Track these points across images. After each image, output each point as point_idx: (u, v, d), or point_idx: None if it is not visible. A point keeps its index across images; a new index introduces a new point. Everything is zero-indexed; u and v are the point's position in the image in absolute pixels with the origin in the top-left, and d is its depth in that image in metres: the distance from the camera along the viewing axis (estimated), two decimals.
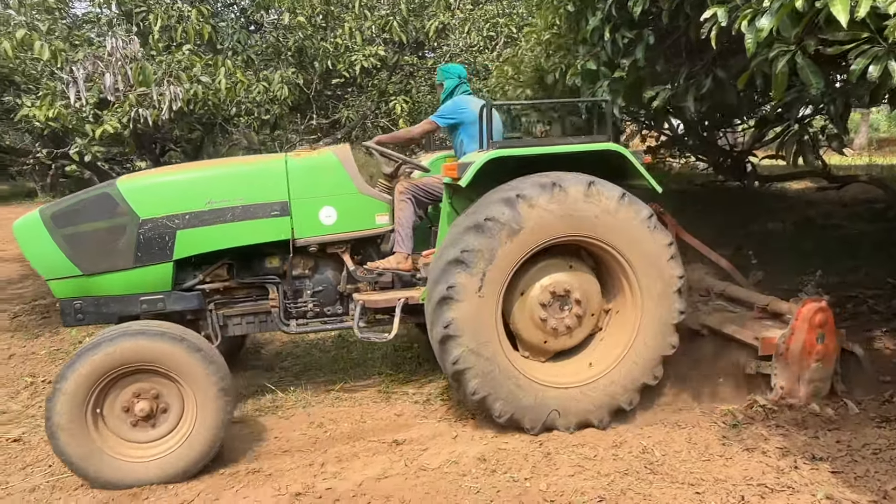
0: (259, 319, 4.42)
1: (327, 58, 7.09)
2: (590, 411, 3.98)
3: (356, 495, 3.31)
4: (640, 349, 4.05)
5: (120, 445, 3.55)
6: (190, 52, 5.55)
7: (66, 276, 3.96)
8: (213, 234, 4.09)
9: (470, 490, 3.33)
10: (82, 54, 5.42)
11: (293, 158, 4.34)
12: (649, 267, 3.98)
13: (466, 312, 3.74)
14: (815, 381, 4.14)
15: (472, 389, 3.80)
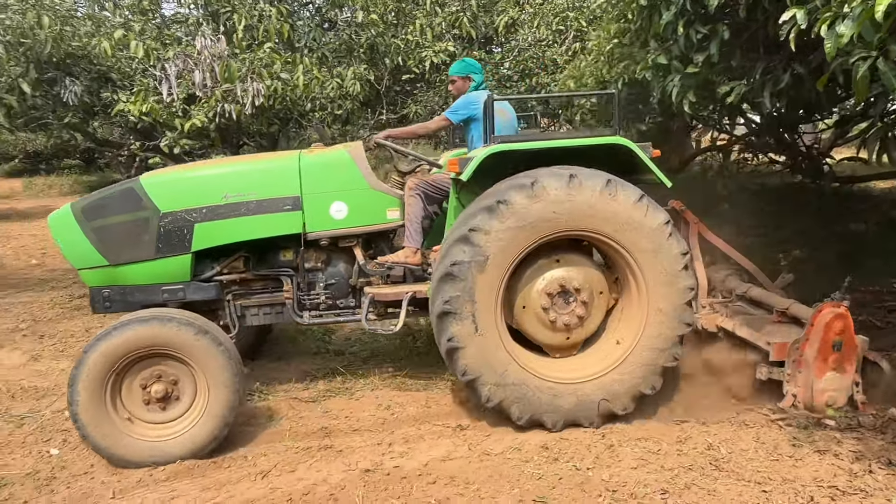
0: (275, 310, 4.55)
1: (398, 54, 7.27)
2: (581, 409, 3.94)
3: (422, 474, 3.45)
4: (641, 355, 3.97)
5: (136, 426, 3.77)
6: (270, 49, 5.84)
7: (94, 265, 4.19)
8: (228, 228, 4.25)
9: (532, 476, 3.41)
10: (172, 53, 5.79)
11: (306, 155, 4.48)
12: (659, 273, 3.90)
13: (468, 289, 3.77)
14: (830, 390, 3.99)
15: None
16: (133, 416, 3.77)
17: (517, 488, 3.30)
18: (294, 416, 4.32)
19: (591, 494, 3.23)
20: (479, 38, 8.06)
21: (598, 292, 4.06)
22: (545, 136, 4.49)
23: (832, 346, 3.94)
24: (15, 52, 5.89)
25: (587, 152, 3.98)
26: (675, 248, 3.90)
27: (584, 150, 3.98)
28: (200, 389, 3.80)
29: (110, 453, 3.66)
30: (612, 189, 3.81)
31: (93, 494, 3.41)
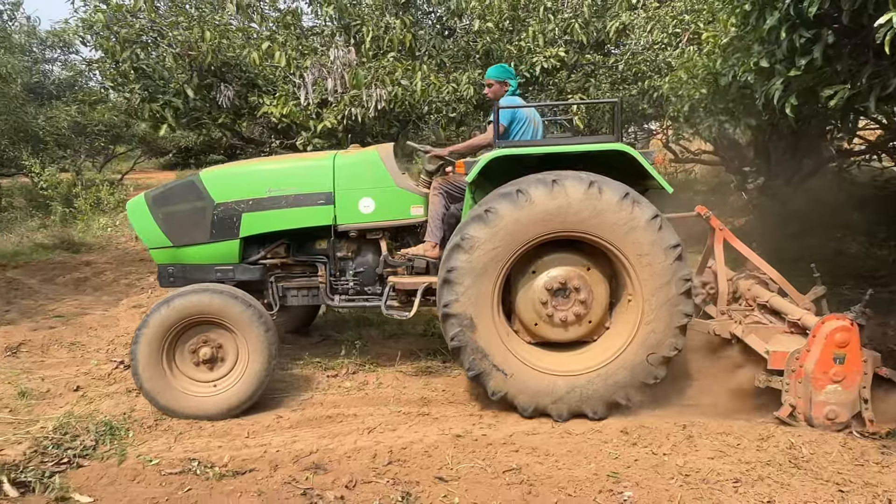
0: (311, 293, 5.01)
1: (511, 59, 7.62)
2: (583, 401, 4.12)
3: (506, 443, 3.81)
4: (641, 346, 4.09)
5: (184, 382, 4.34)
6: (394, 58, 6.43)
7: (161, 246, 4.82)
8: (270, 218, 4.76)
9: (609, 455, 3.67)
10: (309, 62, 6.54)
11: (341, 155, 4.89)
12: (652, 266, 4.01)
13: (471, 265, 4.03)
14: (830, 403, 3.90)
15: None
16: (182, 373, 4.36)
17: (593, 463, 3.57)
18: (398, 386, 4.84)
19: (663, 476, 3.44)
20: (591, 42, 8.23)
21: (596, 289, 4.22)
22: (549, 142, 4.62)
23: (834, 359, 3.85)
24: (182, 62, 6.92)
25: (593, 157, 4.18)
26: (665, 242, 4.02)
27: (586, 155, 4.18)
28: (241, 355, 4.37)
29: (159, 403, 4.26)
30: (596, 190, 3.99)
31: (231, 433, 4.10)
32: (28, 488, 3.34)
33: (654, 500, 3.21)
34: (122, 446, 3.86)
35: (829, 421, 3.92)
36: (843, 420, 3.93)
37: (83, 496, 3.28)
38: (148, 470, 3.55)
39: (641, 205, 4.03)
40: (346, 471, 3.53)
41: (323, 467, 3.58)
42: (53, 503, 3.20)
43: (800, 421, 3.98)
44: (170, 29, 6.77)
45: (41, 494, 3.28)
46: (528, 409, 4.16)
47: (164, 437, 4.04)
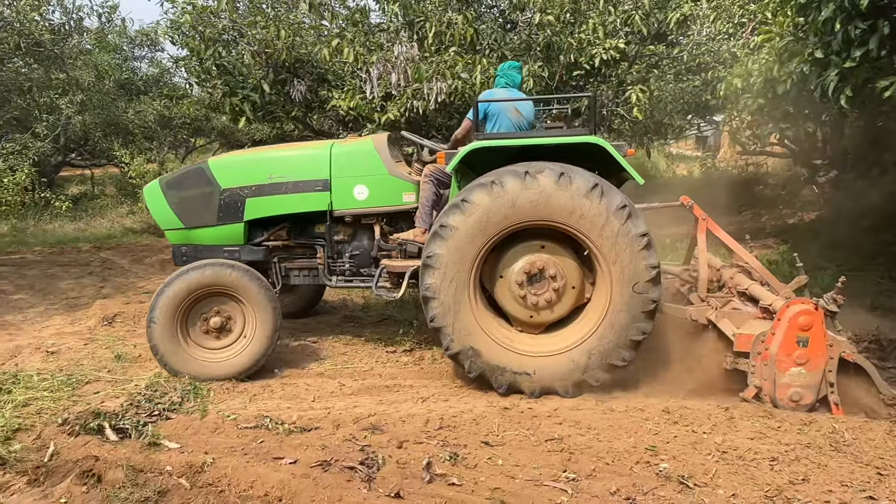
0: (312, 273, 5.34)
1: (571, 52, 7.74)
2: (555, 380, 4.35)
3: (550, 416, 4.04)
4: (609, 329, 4.30)
5: (194, 348, 4.74)
6: (455, 52, 6.69)
7: (174, 227, 5.20)
8: (271, 203, 5.09)
9: (649, 431, 3.84)
10: (375, 57, 6.89)
11: (338, 144, 5.17)
12: (619, 253, 4.20)
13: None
14: (794, 385, 4.02)
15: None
16: (193, 340, 4.76)
17: (633, 437, 3.75)
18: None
19: (700, 452, 3.58)
20: (651, 33, 8.23)
21: (569, 275, 4.43)
22: (525, 135, 4.79)
23: (797, 342, 3.96)
24: (259, 59, 7.43)
25: (569, 149, 4.37)
26: (633, 230, 4.21)
27: (559, 147, 4.37)
28: (248, 324, 4.77)
29: (171, 366, 4.66)
30: (566, 181, 4.19)
31: (299, 396, 4.50)
32: (125, 434, 3.83)
33: (689, 472, 3.37)
34: (204, 403, 4.32)
35: (794, 403, 4.03)
36: (807, 402, 4.03)
37: (171, 442, 3.74)
38: (226, 424, 3.99)
39: (610, 194, 4.22)
40: (400, 432, 3.85)
41: (380, 428, 3.91)
42: (146, 447, 3.66)
43: (766, 402, 4.10)
44: (248, 28, 7.28)
45: (136, 440, 3.76)
46: (503, 386, 4.40)
47: (240, 397, 4.48)
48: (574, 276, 4.48)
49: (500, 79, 5.36)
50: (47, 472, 3.34)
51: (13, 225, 12.41)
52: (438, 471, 3.40)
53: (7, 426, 3.85)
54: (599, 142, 4.33)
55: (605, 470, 3.43)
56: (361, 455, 3.56)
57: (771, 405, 4.08)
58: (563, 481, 3.31)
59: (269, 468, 3.38)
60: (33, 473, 3.33)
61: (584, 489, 3.24)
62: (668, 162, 19.73)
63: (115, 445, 3.66)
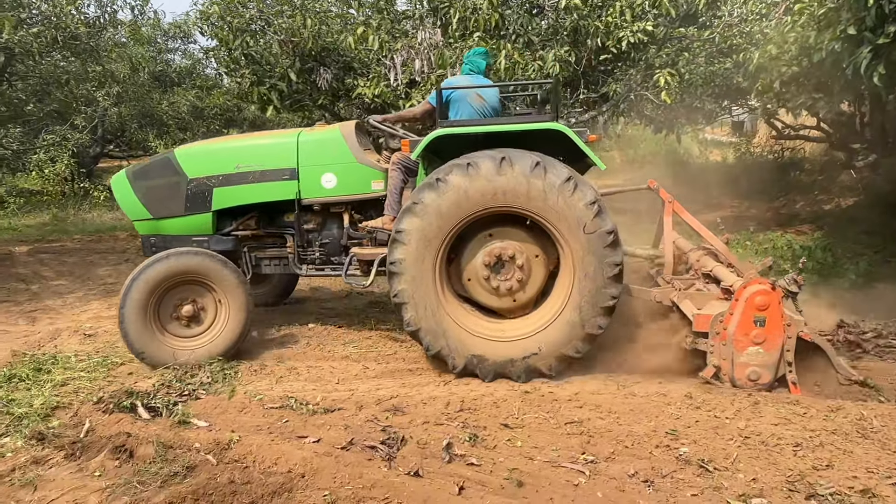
0: (282, 263, 5.33)
1: (598, 35, 7.63)
2: (509, 365, 4.38)
3: (571, 400, 4.05)
4: (566, 320, 4.32)
5: (171, 338, 4.70)
6: (479, 38, 6.66)
7: (142, 218, 5.16)
8: (239, 192, 5.07)
9: (671, 415, 3.81)
10: (400, 44, 6.91)
11: (305, 133, 5.14)
12: (584, 247, 4.23)
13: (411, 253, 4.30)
14: (752, 365, 4.06)
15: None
16: (166, 329, 4.72)
17: (653, 422, 3.74)
18: None
19: (722, 437, 3.55)
20: (680, 14, 8.06)
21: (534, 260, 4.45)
22: (488, 122, 4.75)
23: (754, 322, 4.00)
24: (286, 48, 7.52)
25: (533, 136, 4.37)
26: (602, 227, 4.23)
27: (522, 133, 4.37)
28: (221, 311, 4.76)
29: (143, 354, 4.62)
30: (541, 170, 4.19)
31: (323, 378, 4.59)
32: (157, 412, 3.97)
33: (709, 456, 3.34)
34: (232, 385, 4.45)
35: (752, 382, 4.07)
36: (765, 381, 4.08)
37: (200, 421, 3.86)
38: (253, 404, 4.10)
39: (582, 189, 4.23)
40: (421, 414, 3.90)
41: (401, 410, 3.97)
42: (176, 425, 3.79)
43: (724, 382, 4.14)
44: (275, 17, 7.37)
45: (167, 418, 3.89)
46: (458, 367, 4.44)
47: (266, 379, 4.59)
48: (533, 251, 4.51)
49: (464, 66, 5.31)
50: (83, 448, 3.49)
51: (54, 214, 12.85)
52: (458, 451, 3.45)
53: (46, 404, 4.03)
54: (561, 128, 4.34)
55: (623, 453, 3.43)
56: (383, 435, 3.62)
57: (730, 384, 4.14)
58: (582, 463, 3.33)
59: (293, 446, 3.46)
60: (70, 448, 3.49)
61: (602, 471, 3.25)
62: (702, 148, 19.32)
63: (147, 423, 3.80)
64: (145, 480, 3.14)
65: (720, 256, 4.94)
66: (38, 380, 4.48)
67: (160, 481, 3.13)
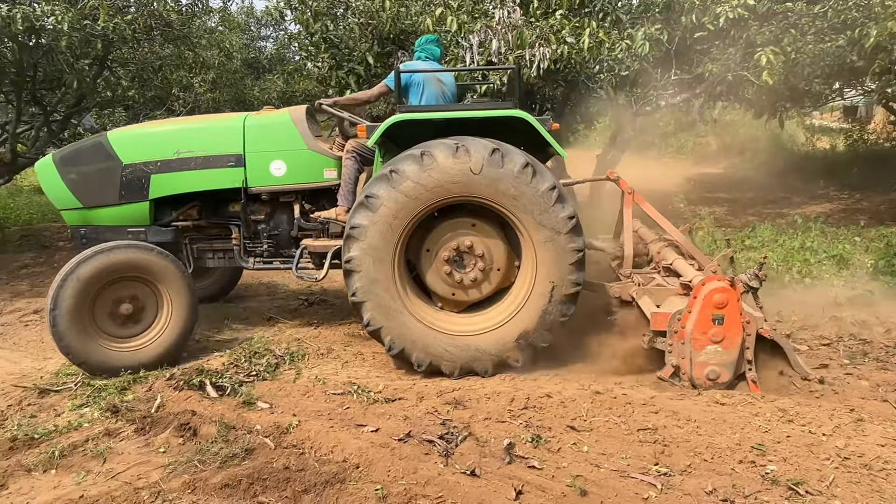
0: (228, 256, 5.04)
1: (693, 11, 7.10)
2: (474, 360, 4.24)
3: (646, 404, 3.75)
4: (531, 311, 4.21)
5: (108, 339, 4.29)
6: (562, 16, 6.34)
7: (71, 207, 4.75)
8: (179, 180, 4.72)
9: (758, 428, 3.46)
10: (479, 25, 6.69)
11: (251, 117, 4.85)
12: (544, 234, 4.13)
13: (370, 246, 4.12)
14: (711, 364, 3.97)
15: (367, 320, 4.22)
16: (103, 329, 4.28)
17: (738, 434, 3.40)
18: None
19: (817, 456, 3.18)
20: None
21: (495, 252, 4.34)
22: (448, 108, 4.55)
23: (713, 320, 3.89)
24: (365, 32, 7.47)
25: (495, 123, 4.24)
26: (561, 212, 4.10)
27: (484, 120, 4.24)
28: (164, 308, 4.40)
29: (79, 359, 4.19)
30: (498, 157, 4.04)
31: (388, 366, 4.53)
32: (224, 392, 4.03)
33: (801, 477, 2.99)
34: (298, 368, 4.46)
35: (711, 381, 3.98)
36: (725, 380, 3.98)
37: (263, 403, 3.89)
38: (317, 388, 4.09)
39: (541, 175, 4.12)
40: (483, 409, 3.75)
41: (463, 404, 3.84)
42: (241, 405, 3.83)
43: (683, 381, 4.03)
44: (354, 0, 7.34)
45: (232, 398, 3.95)
46: (423, 364, 4.24)
47: (332, 363, 4.59)
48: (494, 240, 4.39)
49: (419, 52, 5.12)
50: (152, 423, 3.59)
51: None
52: (519, 452, 3.28)
53: (124, 378, 4.19)
54: (523, 115, 4.20)
55: (701, 466, 3.13)
56: (442, 429, 3.50)
57: (689, 384, 4.02)
58: (653, 475, 3.07)
59: (351, 435, 3.41)
60: (140, 423, 3.59)
61: (675, 485, 2.98)
62: (808, 134, 17.90)
63: (213, 402, 3.87)
64: (205, 460, 3.17)
65: (681, 248, 4.81)
66: None
67: (219, 462, 3.15)
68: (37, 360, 4.76)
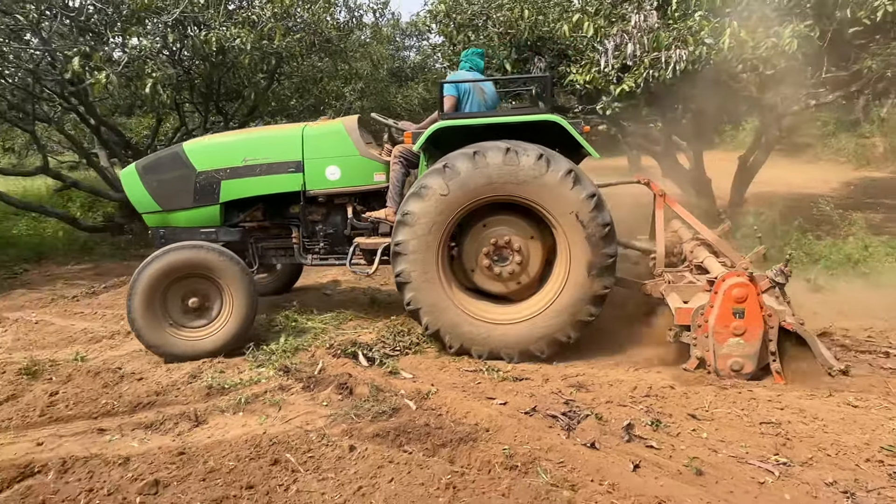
0: (287, 253, 5.48)
1: (847, 5, 6.72)
2: (502, 347, 4.58)
3: (772, 400, 3.80)
4: (559, 307, 4.50)
5: (177, 328, 4.76)
6: (701, 17, 6.32)
7: (151, 211, 5.29)
8: (246, 184, 5.20)
9: (892, 431, 3.40)
10: (616, 29, 6.84)
11: (309, 127, 5.29)
12: (581, 238, 4.42)
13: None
14: (733, 356, 4.14)
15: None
16: (173, 319, 4.78)
17: (868, 434, 3.39)
18: None
19: None
20: None
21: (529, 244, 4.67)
22: (488, 114, 4.93)
23: (733, 314, 4.08)
24: (503, 40, 7.89)
25: (530, 128, 4.56)
26: (598, 219, 4.40)
27: (520, 125, 4.56)
28: (226, 303, 4.80)
29: (157, 348, 4.70)
30: (544, 162, 4.37)
31: None
32: (373, 362, 4.61)
33: None
34: (437, 346, 4.95)
35: (735, 372, 4.15)
36: (748, 371, 4.14)
37: (406, 373, 4.41)
38: (452, 365, 4.55)
39: (582, 182, 4.41)
40: (605, 394, 4.00)
41: (586, 388, 4.10)
42: (387, 374, 4.38)
43: (709, 372, 4.19)
44: (494, 11, 7.77)
45: (380, 367, 4.51)
46: (454, 347, 4.62)
47: None
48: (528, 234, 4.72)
49: (464, 63, 5.51)
50: (316, 382, 4.23)
51: None
52: (638, 433, 3.49)
53: (293, 345, 4.92)
54: (557, 119, 4.50)
55: (824, 461, 3.17)
56: (565, 407, 3.80)
57: (714, 375, 4.18)
58: (772, 463, 3.16)
59: (482, 404, 3.81)
60: (306, 381, 4.24)
61: (794, 474, 3.06)
62: None
63: (365, 369, 4.46)
64: (360, 414, 3.72)
65: (714, 248, 5.03)
66: (287, 327, 5.44)
67: (371, 416, 3.69)
68: None
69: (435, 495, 2.89)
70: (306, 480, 3.06)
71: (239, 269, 4.81)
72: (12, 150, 22.20)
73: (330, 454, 3.27)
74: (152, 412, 3.91)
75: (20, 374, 4.46)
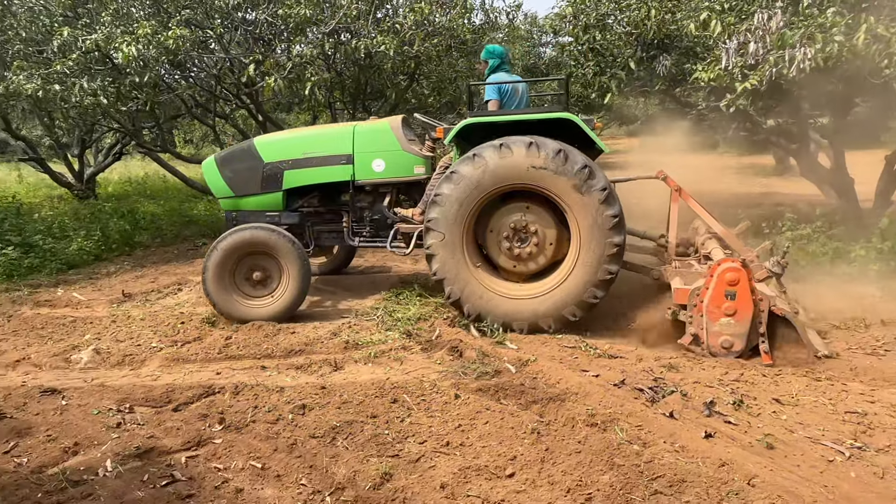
0: (339, 236, 6.12)
1: None
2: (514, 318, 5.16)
3: (863, 393, 3.91)
4: (568, 287, 5.04)
5: (244, 297, 5.56)
6: (834, 12, 6.14)
7: (226, 196, 6.08)
8: (305, 174, 5.92)
9: None
10: (745, 27, 6.82)
11: (360, 125, 5.94)
12: (589, 225, 4.95)
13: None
14: (724, 334, 4.55)
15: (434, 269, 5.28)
16: (240, 289, 5.58)
17: None
18: None
19: None
20: None
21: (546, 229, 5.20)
22: (510, 113, 5.38)
23: (726, 295, 4.48)
24: (629, 39, 8.10)
25: (547, 124, 5.07)
26: (608, 210, 4.90)
27: (537, 122, 5.09)
28: (283, 278, 5.55)
29: (223, 310, 5.51)
30: (562, 156, 4.92)
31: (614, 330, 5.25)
32: (483, 333, 5.21)
33: None
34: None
35: (725, 350, 4.56)
36: (737, 349, 4.55)
37: (511, 344, 4.96)
38: (553, 341, 5.02)
39: (596, 176, 4.91)
40: (694, 375, 4.28)
41: (676, 368, 4.41)
42: (494, 343, 4.96)
43: (702, 348, 4.62)
44: (621, 11, 8.00)
45: (489, 338, 5.10)
46: (471, 314, 5.21)
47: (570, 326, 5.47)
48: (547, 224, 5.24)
49: (503, 65, 5.95)
50: (432, 345, 4.91)
51: None
52: (719, 409, 3.77)
53: (415, 314, 5.65)
54: (571, 117, 5.03)
55: None
56: (652, 383, 4.15)
57: (707, 351, 4.60)
58: (846, 446, 3.33)
59: (575, 374, 4.27)
60: (425, 344, 4.94)
61: (865, 457, 3.23)
62: None
63: (475, 338, 5.07)
64: (466, 372, 4.34)
65: (724, 240, 5.45)
66: (413, 300, 6.18)
67: (476, 374, 4.29)
68: (356, 299, 6.56)
69: (521, 437, 3.43)
70: (418, 416, 3.73)
71: (295, 249, 5.55)
72: (191, 142, 25.42)
73: (438, 399, 3.92)
74: (301, 357, 4.81)
75: (203, 323, 5.61)
